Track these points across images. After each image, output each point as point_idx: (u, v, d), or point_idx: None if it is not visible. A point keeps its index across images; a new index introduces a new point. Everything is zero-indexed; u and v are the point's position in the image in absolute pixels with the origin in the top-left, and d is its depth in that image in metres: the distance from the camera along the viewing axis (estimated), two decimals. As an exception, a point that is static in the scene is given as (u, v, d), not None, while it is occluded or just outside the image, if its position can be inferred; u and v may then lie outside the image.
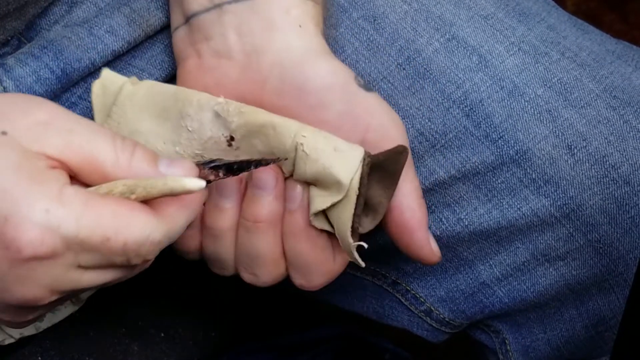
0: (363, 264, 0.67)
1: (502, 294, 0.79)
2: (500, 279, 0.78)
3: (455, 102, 0.75)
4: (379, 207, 0.67)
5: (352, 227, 0.65)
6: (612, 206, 0.74)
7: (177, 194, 0.60)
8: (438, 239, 0.77)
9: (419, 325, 0.82)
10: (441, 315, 0.81)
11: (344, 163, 0.65)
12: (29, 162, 0.58)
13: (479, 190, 0.75)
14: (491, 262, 0.78)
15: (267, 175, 0.66)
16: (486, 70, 0.75)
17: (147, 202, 0.61)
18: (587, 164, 0.74)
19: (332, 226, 0.67)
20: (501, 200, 0.75)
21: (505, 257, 0.77)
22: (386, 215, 0.68)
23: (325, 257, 0.69)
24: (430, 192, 0.76)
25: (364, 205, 0.66)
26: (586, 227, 0.75)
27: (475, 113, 0.75)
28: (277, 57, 0.68)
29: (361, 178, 0.65)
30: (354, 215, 0.65)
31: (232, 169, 0.64)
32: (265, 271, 0.69)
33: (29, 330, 0.88)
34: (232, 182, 0.67)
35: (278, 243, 0.68)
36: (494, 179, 0.75)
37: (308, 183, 0.67)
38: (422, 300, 0.81)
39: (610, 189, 0.74)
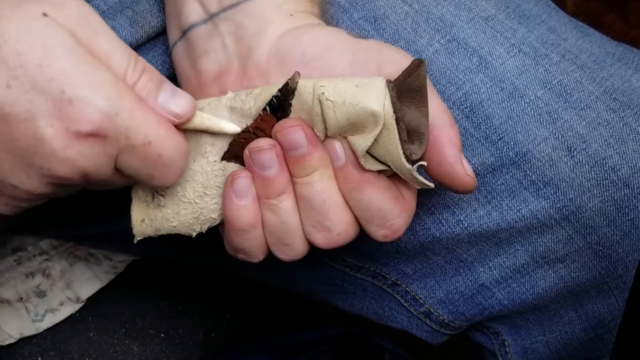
0: (432, 185, 0.66)
1: (501, 296, 0.79)
2: (500, 281, 0.78)
3: (455, 103, 0.75)
4: (421, 128, 0.66)
5: (404, 153, 0.64)
6: (611, 208, 0.75)
7: (213, 132, 0.66)
8: (437, 240, 0.77)
9: (419, 327, 0.82)
10: (441, 317, 0.81)
11: (371, 93, 0.64)
12: (83, 49, 0.60)
13: (478, 192, 0.75)
14: (490, 264, 0.78)
15: (293, 134, 0.66)
16: (486, 71, 0.75)
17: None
18: (586, 166, 0.74)
19: (385, 165, 0.66)
20: (501, 202, 0.75)
21: (504, 259, 0.77)
22: None
23: (394, 195, 0.67)
24: (430, 193, 0.76)
25: (408, 132, 0.65)
26: (585, 230, 0.75)
27: (475, 114, 0.75)
28: (272, 45, 0.68)
29: (392, 102, 0.64)
30: (401, 140, 0.64)
31: (282, 104, 0.66)
32: (336, 218, 0.67)
33: (29, 330, 0.88)
34: (267, 153, 0.66)
35: (337, 189, 0.67)
36: (493, 181, 0.75)
37: (344, 137, 0.66)
38: (422, 301, 0.81)
39: (610, 192, 0.74)
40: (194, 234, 0.69)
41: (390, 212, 0.66)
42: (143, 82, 0.63)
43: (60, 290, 0.90)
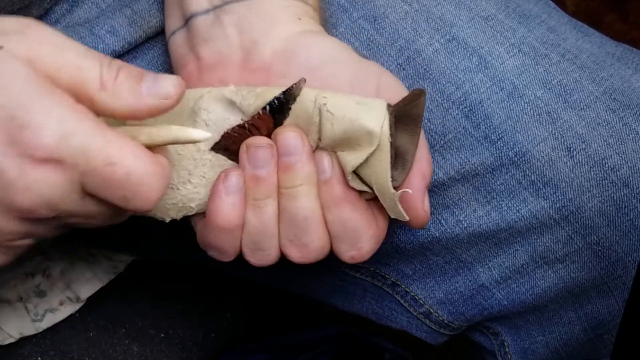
0: (407, 217, 0.66)
1: (501, 296, 0.79)
2: (499, 281, 0.78)
3: (455, 102, 0.75)
4: (407, 155, 0.66)
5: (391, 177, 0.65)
6: (611, 209, 0.74)
7: (182, 142, 0.62)
8: (437, 240, 0.77)
9: (418, 327, 0.82)
10: (440, 317, 0.81)
11: (371, 113, 0.65)
12: (38, 75, 0.58)
13: (478, 192, 0.75)
14: (490, 265, 0.78)
15: (292, 140, 0.66)
16: (486, 71, 0.75)
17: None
18: (586, 167, 0.74)
19: (368, 186, 0.66)
20: (500, 202, 0.75)
21: (504, 259, 0.77)
22: None
23: (369, 219, 0.67)
24: (429, 194, 0.76)
25: (395, 157, 0.66)
26: (585, 230, 0.75)
27: (474, 114, 0.75)
28: (278, 44, 0.68)
29: (390, 126, 0.65)
30: (391, 164, 0.65)
31: (281, 106, 0.65)
32: (315, 235, 0.67)
33: (29, 330, 0.88)
34: (264, 151, 0.66)
35: (320, 208, 0.67)
36: (493, 181, 0.75)
37: (334, 151, 0.67)
38: (422, 302, 0.81)
39: (609, 192, 0.74)
40: (167, 219, 0.69)
41: (363, 235, 0.67)
42: (121, 78, 0.60)
43: (60, 290, 0.90)
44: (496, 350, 0.82)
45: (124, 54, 0.77)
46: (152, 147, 0.61)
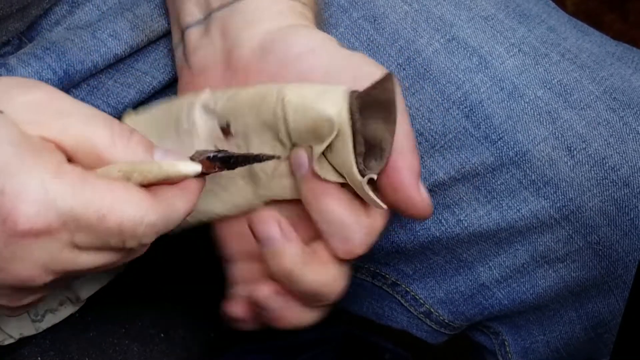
0: (384, 206, 0.64)
1: (501, 295, 0.79)
2: (500, 280, 0.78)
3: (455, 102, 0.75)
4: (383, 144, 0.63)
5: (358, 166, 0.63)
6: (611, 208, 0.75)
7: (174, 179, 0.61)
8: (437, 240, 0.77)
9: (419, 327, 0.82)
10: (441, 317, 0.81)
11: (330, 99, 0.63)
12: (27, 139, 0.57)
13: (478, 191, 0.75)
14: (490, 264, 0.78)
15: (268, 228, 0.65)
16: (486, 71, 0.75)
17: (145, 187, 0.61)
18: (586, 166, 0.74)
19: (342, 177, 0.65)
20: (501, 202, 0.75)
21: (504, 258, 0.77)
22: None
23: (355, 210, 0.65)
24: (430, 193, 0.76)
25: (370, 146, 0.63)
26: (585, 229, 0.75)
27: (475, 114, 0.75)
28: (256, 41, 0.68)
29: (352, 112, 0.63)
30: (355, 153, 0.63)
31: (229, 162, 0.63)
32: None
33: (28, 330, 0.88)
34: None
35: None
36: (493, 181, 0.75)
37: (310, 146, 0.65)
38: (422, 301, 0.81)
39: (610, 191, 0.74)
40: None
41: (352, 227, 0.65)
42: (135, 141, 0.60)
43: (60, 290, 0.90)
44: (497, 350, 0.82)
45: (126, 57, 0.77)
46: (145, 186, 0.61)
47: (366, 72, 0.65)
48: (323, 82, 0.65)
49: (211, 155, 0.63)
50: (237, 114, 0.66)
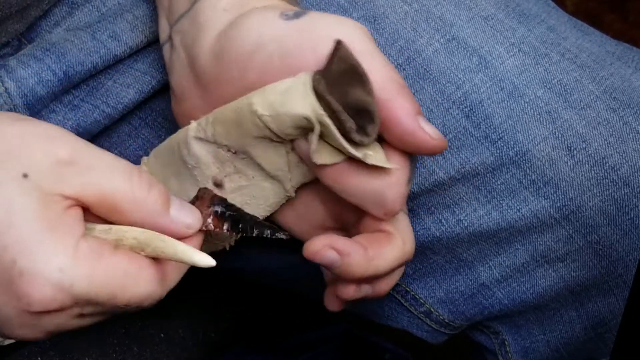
0: (392, 165, 0.62)
1: (501, 295, 0.79)
2: (500, 280, 0.78)
3: (455, 102, 0.75)
4: (369, 106, 0.61)
5: (354, 140, 0.61)
6: (611, 208, 0.75)
7: (185, 263, 0.62)
8: (437, 240, 0.77)
9: (419, 327, 0.82)
10: (441, 317, 0.81)
11: (296, 97, 0.61)
12: (47, 211, 0.58)
13: (478, 191, 0.75)
14: (491, 264, 0.78)
15: (323, 256, 0.64)
16: (486, 71, 0.75)
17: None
18: (586, 166, 0.74)
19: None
20: (501, 202, 0.75)
21: (504, 258, 0.77)
22: None
23: (375, 173, 0.62)
24: (430, 193, 0.76)
25: (358, 113, 0.61)
26: (586, 229, 0.75)
27: (475, 114, 0.75)
28: (209, 48, 0.65)
29: (322, 97, 0.61)
30: (345, 130, 0.61)
31: (237, 226, 0.64)
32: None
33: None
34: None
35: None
36: (493, 180, 0.75)
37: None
38: (422, 301, 0.81)
39: (610, 191, 0.74)
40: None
41: (377, 191, 0.63)
42: (153, 197, 0.61)
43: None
44: (497, 350, 0.82)
45: (126, 58, 0.77)
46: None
47: (323, 35, 0.62)
48: (285, 66, 0.62)
49: (219, 210, 0.64)
50: (227, 134, 0.66)
